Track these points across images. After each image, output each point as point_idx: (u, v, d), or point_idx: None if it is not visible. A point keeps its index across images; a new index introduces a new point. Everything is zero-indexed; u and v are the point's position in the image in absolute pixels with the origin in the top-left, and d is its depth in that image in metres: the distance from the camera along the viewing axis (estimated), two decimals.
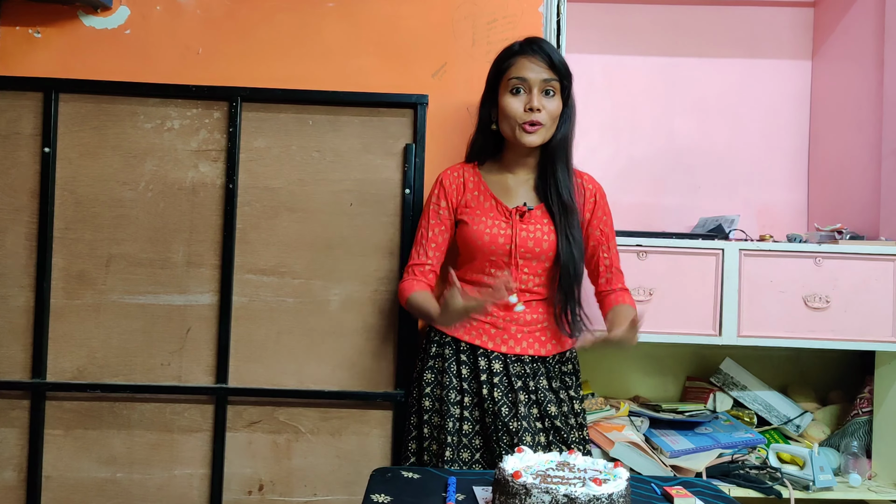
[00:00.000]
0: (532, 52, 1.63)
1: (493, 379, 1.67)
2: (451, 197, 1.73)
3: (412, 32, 2.04)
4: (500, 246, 1.66)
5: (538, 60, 1.62)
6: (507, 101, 1.64)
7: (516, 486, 1.11)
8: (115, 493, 1.97)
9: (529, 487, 1.09)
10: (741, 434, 2.15)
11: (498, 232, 1.67)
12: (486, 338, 1.70)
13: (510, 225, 1.67)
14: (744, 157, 2.59)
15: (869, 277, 2.04)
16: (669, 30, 2.59)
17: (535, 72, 1.61)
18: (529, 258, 1.67)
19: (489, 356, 1.69)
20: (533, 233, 1.67)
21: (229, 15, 2.03)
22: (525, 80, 1.62)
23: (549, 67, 1.62)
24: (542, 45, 1.64)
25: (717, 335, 2.03)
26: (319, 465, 1.99)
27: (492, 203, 1.70)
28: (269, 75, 2.01)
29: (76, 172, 1.97)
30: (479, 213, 1.69)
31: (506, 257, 1.67)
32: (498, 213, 1.69)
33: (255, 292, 1.98)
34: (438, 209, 1.74)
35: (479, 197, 1.72)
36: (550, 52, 1.63)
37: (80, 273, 1.97)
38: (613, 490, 1.10)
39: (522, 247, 1.66)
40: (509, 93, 1.63)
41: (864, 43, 2.34)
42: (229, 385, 1.97)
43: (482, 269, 1.70)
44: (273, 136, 1.99)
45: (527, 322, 1.70)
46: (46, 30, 2.01)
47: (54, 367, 1.96)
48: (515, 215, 1.67)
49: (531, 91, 1.61)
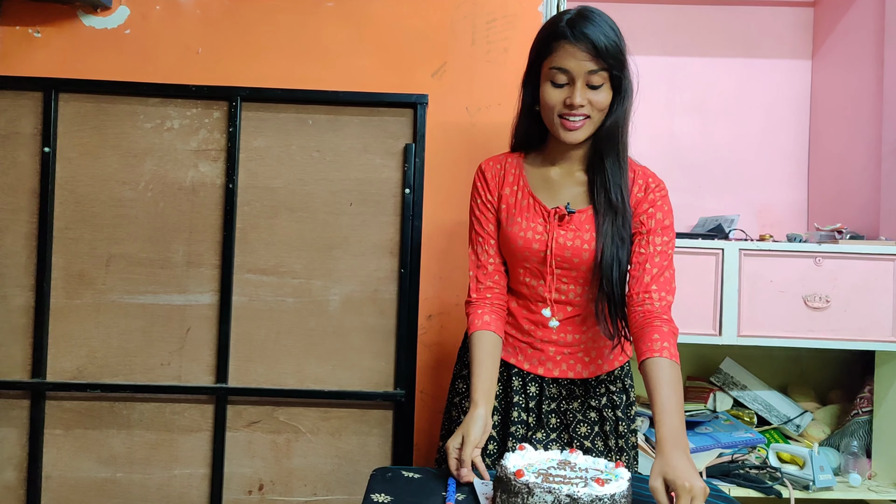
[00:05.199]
0: (575, 38, 1.36)
1: (529, 403, 1.52)
2: (492, 188, 1.52)
3: (412, 32, 2.04)
4: (535, 252, 1.46)
5: (581, 49, 1.36)
6: (547, 91, 1.41)
7: (519, 484, 1.10)
8: (115, 493, 1.97)
9: (532, 487, 1.09)
10: (741, 434, 2.15)
11: (533, 236, 1.46)
12: (522, 357, 1.53)
13: (547, 229, 1.45)
14: (744, 157, 2.59)
15: (869, 277, 2.04)
16: (669, 30, 2.59)
17: (578, 63, 1.37)
18: (568, 268, 1.46)
19: (524, 377, 1.53)
20: (572, 240, 1.44)
21: (229, 15, 2.03)
22: (567, 71, 1.38)
23: (595, 56, 1.36)
24: (588, 28, 1.36)
25: (717, 335, 2.03)
26: (319, 464, 1.99)
27: (529, 201, 1.48)
28: (269, 75, 2.01)
29: (76, 172, 1.97)
30: (515, 213, 1.48)
31: (541, 265, 1.47)
32: (535, 214, 1.47)
33: (255, 292, 1.98)
34: (485, 201, 1.52)
35: (518, 193, 1.50)
36: (596, 36, 1.36)
37: (80, 273, 1.97)
38: (616, 490, 1.09)
39: (559, 255, 1.44)
40: (550, 83, 1.40)
41: (863, 43, 2.34)
42: (229, 385, 1.97)
43: (516, 276, 1.52)
44: (273, 136, 1.99)
45: (567, 343, 1.51)
46: (46, 29, 2.01)
47: (54, 367, 1.96)
48: (554, 218, 1.45)
49: (574, 83, 1.38)
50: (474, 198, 1.55)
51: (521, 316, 1.53)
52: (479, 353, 1.44)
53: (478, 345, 1.45)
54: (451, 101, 2.03)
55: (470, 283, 1.53)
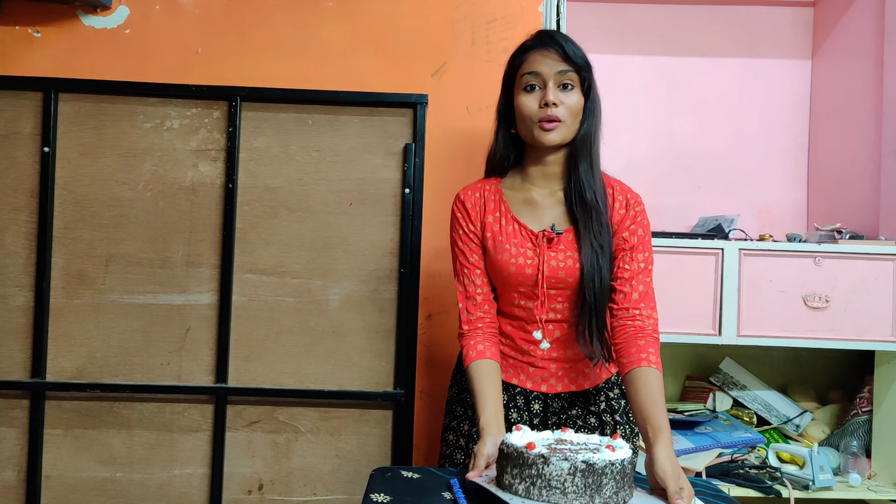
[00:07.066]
0: (543, 44, 1.46)
1: (534, 420, 1.54)
2: (474, 218, 1.53)
3: (412, 32, 2.04)
4: (528, 277, 1.48)
5: (551, 53, 1.45)
6: (522, 99, 1.47)
7: (532, 456, 1.11)
8: (115, 493, 1.97)
9: (547, 456, 1.10)
10: (741, 433, 2.15)
11: (524, 262, 1.47)
12: (525, 376, 1.55)
13: (537, 253, 1.48)
14: (744, 157, 2.59)
15: (868, 277, 2.04)
16: (669, 30, 2.59)
17: (549, 65, 1.44)
18: (562, 287, 1.48)
19: (527, 395, 1.55)
20: (563, 260, 1.47)
21: (229, 14, 2.03)
22: (538, 74, 1.45)
23: (564, 59, 1.44)
24: (555, 35, 1.48)
25: (717, 335, 2.03)
26: (319, 464, 1.99)
27: (514, 227, 1.50)
28: (268, 75, 2.01)
29: (75, 172, 1.97)
30: (502, 240, 1.50)
31: (534, 287, 1.48)
32: (523, 239, 1.49)
33: (255, 292, 1.98)
34: (468, 232, 1.53)
35: (502, 219, 1.51)
36: (564, 42, 1.46)
37: (80, 273, 1.97)
38: (624, 456, 1.13)
39: (553, 276, 1.47)
40: (523, 91, 1.46)
41: (863, 42, 2.34)
42: (229, 385, 1.97)
43: (510, 300, 1.53)
44: (273, 136, 1.99)
45: (567, 359, 1.53)
46: (46, 29, 2.01)
47: (54, 367, 1.96)
48: (542, 241, 1.47)
49: (546, 86, 1.44)
50: (455, 229, 1.56)
51: (518, 337, 1.54)
52: (479, 383, 1.43)
53: (476, 375, 1.45)
54: (451, 101, 2.03)
55: (460, 315, 1.53)
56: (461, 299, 1.53)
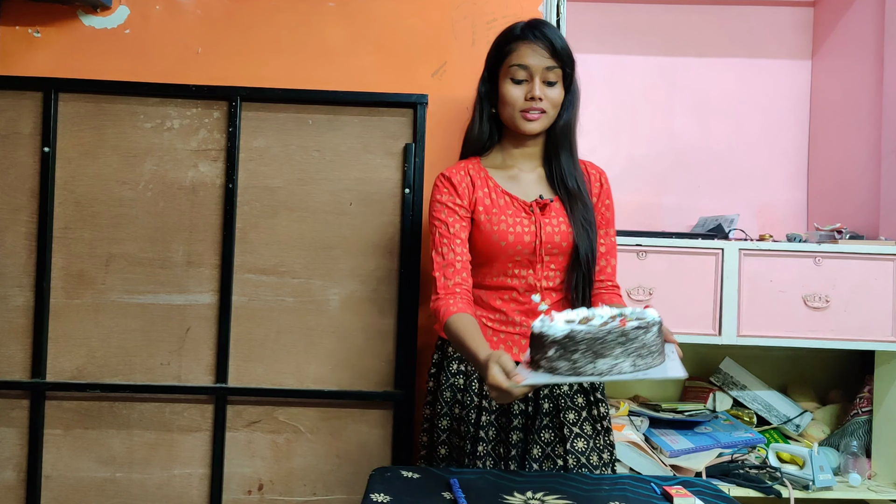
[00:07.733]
0: (534, 37, 1.52)
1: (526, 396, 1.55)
2: (462, 193, 1.56)
3: (412, 32, 2.04)
4: (526, 244, 1.54)
5: (540, 47, 1.52)
6: (508, 88, 1.54)
7: (625, 330, 1.12)
8: (115, 493, 1.97)
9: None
10: (741, 433, 2.15)
11: (522, 230, 1.54)
12: (518, 350, 1.57)
13: (532, 221, 1.55)
14: (744, 157, 2.59)
15: (868, 277, 2.04)
16: (669, 30, 2.59)
17: (537, 59, 1.52)
18: (556, 253, 1.56)
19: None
20: (557, 226, 1.56)
21: (229, 14, 2.03)
22: (527, 67, 1.52)
23: (552, 55, 1.52)
24: (545, 29, 1.54)
25: (717, 335, 2.03)
26: (319, 464, 1.99)
27: (506, 199, 1.57)
28: (268, 75, 2.01)
29: (75, 172, 1.97)
30: (497, 212, 1.55)
31: (531, 255, 1.55)
32: (517, 210, 1.56)
33: (255, 292, 1.98)
34: (455, 205, 1.55)
35: (491, 194, 1.57)
36: (553, 37, 1.53)
37: (80, 273, 1.97)
38: (659, 318, 1.19)
39: (549, 242, 1.54)
40: (510, 80, 1.54)
41: (863, 43, 2.34)
42: (229, 385, 1.97)
43: (504, 271, 1.57)
44: (273, 136, 1.99)
45: None
46: (46, 29, 2.01)
47: (54, 367, 1.96)
48: (536, 209, 1.56)
49: (532, 79, 1.52)
50: (439, 202, 1.56)
51: (511, 310, 1.57)
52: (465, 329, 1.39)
53: (460, 323, 1.41)
54: (451, 101, 2.03)
55: (436, 283, 1.50)
56: (438, 269, 1.51)
